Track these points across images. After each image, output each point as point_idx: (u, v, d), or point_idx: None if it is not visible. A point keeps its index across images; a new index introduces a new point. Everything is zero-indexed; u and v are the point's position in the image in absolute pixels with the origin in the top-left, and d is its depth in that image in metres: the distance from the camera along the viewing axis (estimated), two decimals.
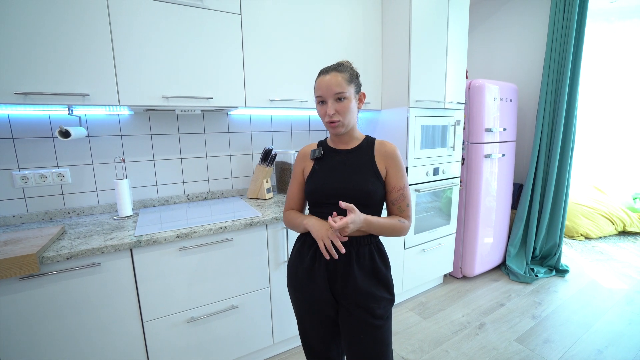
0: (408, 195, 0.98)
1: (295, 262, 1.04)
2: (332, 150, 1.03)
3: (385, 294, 0.98)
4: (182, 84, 1.42)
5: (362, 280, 0.95)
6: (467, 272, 2.45)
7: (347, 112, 0.93)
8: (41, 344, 1.11)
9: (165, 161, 1.74)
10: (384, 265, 1.00)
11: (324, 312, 1.00)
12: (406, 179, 0.98)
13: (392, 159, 0.96)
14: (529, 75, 2.71)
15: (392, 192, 0.97)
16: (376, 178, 0.96)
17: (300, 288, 1.02)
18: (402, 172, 0.97)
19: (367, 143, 1.01)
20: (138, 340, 1.27)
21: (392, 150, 0.97)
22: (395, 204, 0.98)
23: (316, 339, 1.06)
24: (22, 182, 1.43)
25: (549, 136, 2.51)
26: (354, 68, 0.98)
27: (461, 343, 1.75)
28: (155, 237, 1.22)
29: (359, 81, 0.98)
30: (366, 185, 0.94)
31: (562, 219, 2.56)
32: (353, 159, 0.99)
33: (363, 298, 0.94)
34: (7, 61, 1.11)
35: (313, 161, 1.04)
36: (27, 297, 1.06)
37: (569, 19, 2.31)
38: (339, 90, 0.91)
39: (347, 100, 0.92)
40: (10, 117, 1.38)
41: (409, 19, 1.80)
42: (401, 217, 0.98)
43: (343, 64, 0.96)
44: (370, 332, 0.95)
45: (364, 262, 0.96)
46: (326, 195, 0.97)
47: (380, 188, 0.96)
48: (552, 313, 2.02)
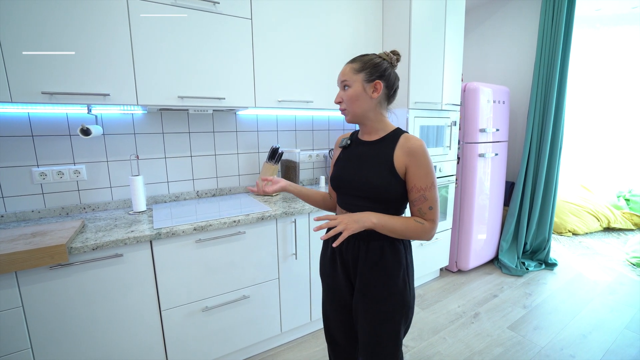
0: (432, 198, 0.89)
1: (323, 251, 1.12)
2: (357, 141, 1.03)
3: (393, 293, 0.94)
4: (197, 85, 1.50)
5: (368, 276, 0.95)
6: (462, 266, 2.57)
7: (351, 100, 0.93)
8: (69, 328, 1.17)
9: (176, 159, 1.80)
10: (396, 263, 0.95)
11: (342, 298, 1.05)
12: (431, 180, 0.89)
13: (414, 155, 0.88)
14: (520, 78, 2.85)
15: (412, 192, 0.90)
16: (390, 173, 0.90)
17: (325, 275, 1.10)
18: (424, 171, 0.88)
19: (391, 136, 0.95)
20: (156, 328, 1.35)
21: (416, 146, 0.88)
22: (416, 205, 0.91)
23: (335, 322, 1.11)
24: (40, 179, 1.48)
25: (539, 136, 2.65)
26: (373, 59, 0.93)
27: (457, 331, 1.86)
28: (174, 230, 1.30)
29: (376, 70, 0.92)
30: (375, 179, 0.91)
31: (551, 216, 2.70)
32: (372, 152, 0.96)
33: (369, 294, 0.95)
34: (34, 63, 1.17)
35: (341, 149, 1.07)
36: (57, 285, 1.13)
37: (557, 25, 2.44)
38: (342, 78, 0.95)
39: (351, 88, 0.93)
40: (30, 116, 1.44)
41: (409, 24, 1.90)
42: (421, 219, 0.90)
43: (363, 55, 0.95)
44: (377, 327, 0.95)
45: (372, 258, 0.94)
46: (339, 185, 1.00)
47: (394, 185, 0.90)
48: (542, 303, 2.15)
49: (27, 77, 1.17)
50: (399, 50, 1.01)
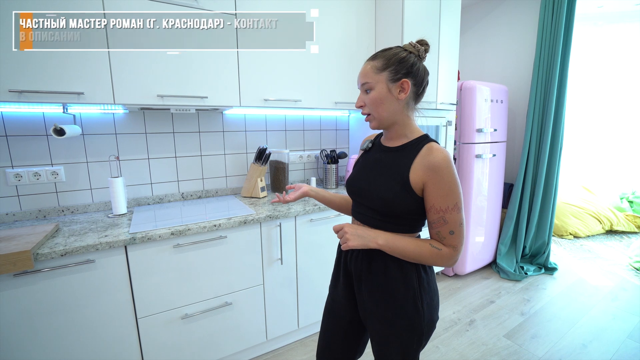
0: (453, 221, 0.75)
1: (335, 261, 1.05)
2: (378, 145, 0.92)
3: (400, 317, 0.83)
4: (178, 83, 1.44)
5: (370, 300, 0.86)
6: (458, 271, 2.50)
7: (375, 104, 0.81)
8: (37, 339, 1.11)
9: (160, 160, 1.75)
10: (403, 285, 0.82)
11: (339, 312, 0.99)
12: (453, 200, 0.75)
13: (434, 171, 0.74)
14: (519, 76, 2.77)
15: (430, 213, 0.77)
16: (402, 188, 0.78)
17: (331, 285, 1.04)
18: (445, 191, 0.74)
19: (414, 144, 0.81)
20: (132, 337, 1.29)
21: (438, 161, 0.74)
22: (434, 228, 0.78)
23: (325, 332, 1.03)
24: (15, 180, 1.43)
25: (538, 137, 2.57)
26: (398, 53, 0.81)
27: (451, 339, 1.79)
28: (149, 235, 1.24)
29: (402, 67, 0.79)
30: (385, 192, 0.80)
31: (550, 218, 2.62)
32: (389, 160, 0.84)
33: (373, 316, 0.87)
34: (1, 59, 1.12)
35: (362, 152, 0.99)
36: (22, 294, 1.07)
37: (557, 22, 2.36)
38: (363, 80, 0.83)
39: (374, 91, 0.81)
40: (3, 115, 1.38)
41: (402, 20, 1.84)
42: (440, 243, 0.78)
43: (385, 49, 0.83)
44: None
45: (375, 279, 0.84)
46: (351, 192, 0.93)
47: (407, 201, 0.78)
48: (540, 309, 2.07)
49: None
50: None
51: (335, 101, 1.91)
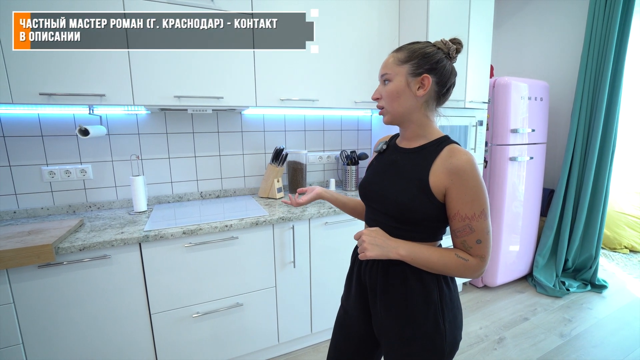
0: (480, 229, 0.69)
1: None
2: (394, 147, 0.86)
3: (418, 337, 0.76)
4: (194, 84, 1.46)
5: (386, 317, 0.79)
6: (488, 282, 2.31)
7: (391, 96, 0.77)
8: (58, 328, 1.18)
9: (180, 159, 1.79)
10: (424, 300, 0.75)
11: (351, 327, 0.92)
12: (480, 207, 0.69)
13: (458, 175, 0.69)
14: (562, 72, 2.51)
15: (455, 220, 0.71)
16: (421, 192, 0.72)
17: (343, 295, 0.97)
18: (471, 197, 0.68)
19: (434, 146, 0.76)
20: (146, 331, 1.32)
21: (462, 164, 0.69)
22: (459, 237, 0.71)
23: (335, 349, 0.97)
24: (49, 177, 1.54)
25: (585, 139, 2.30)
26: (425, 47, 0.75)
27: (476, 356, 1.65)
28: (162, 233, 1.26)
29: (426, 61, 0.74)
30: (401, 195, 0.74)
31: (599, 229, 2.34)
32: (407, 162, 0.78)
33: (389, 334, 0.80)
34: (33, 64, 1.20)
35: (376, 154, 0.93)
36: (45, 285, 1.14)
37: (611, 11, 2.10)
38: (383, 71, 0.79)
39: (392, 83, 0.76)
40: (40, 117, 1.49)
41: (427, 16, 1.73)
42: (466, 253, 0.72)
43: (413, 42, 0.78)
44: None
45: (391, 290, 0.78)
46: (364, 195, 0.87)
47: (426, 206, 0.72)
48: (584, 332, 1.84)
49: (26, 78, 1.20)
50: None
51: (355, 100, 1.85)
